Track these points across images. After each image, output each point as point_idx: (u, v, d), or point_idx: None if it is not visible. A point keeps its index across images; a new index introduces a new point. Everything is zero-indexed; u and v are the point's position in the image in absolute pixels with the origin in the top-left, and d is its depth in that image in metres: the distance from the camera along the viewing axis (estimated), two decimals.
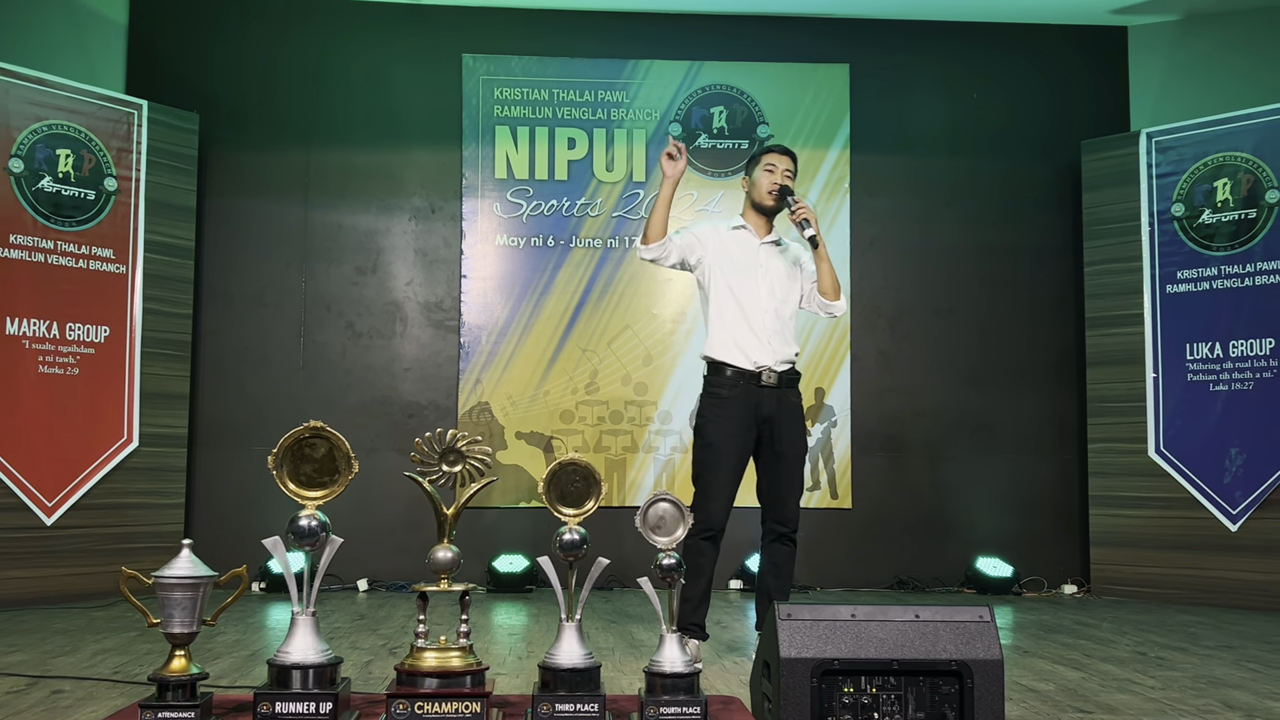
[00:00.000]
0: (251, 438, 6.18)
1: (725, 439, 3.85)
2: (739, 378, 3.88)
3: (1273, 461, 5.69)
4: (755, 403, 3.87)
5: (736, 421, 3.85)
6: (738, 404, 3.86)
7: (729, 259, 4.01)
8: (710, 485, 3.86)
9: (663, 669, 2.49)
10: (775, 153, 4.08)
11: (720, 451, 3.85)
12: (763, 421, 3.88)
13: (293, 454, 2.46)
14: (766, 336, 3.91)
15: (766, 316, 3.93)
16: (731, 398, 3.87)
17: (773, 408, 3.88)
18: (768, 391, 3.88)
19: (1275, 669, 3.91)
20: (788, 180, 4.03)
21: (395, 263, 6.50)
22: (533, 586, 6.12)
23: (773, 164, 4.05)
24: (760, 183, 4.05)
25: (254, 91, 6.48)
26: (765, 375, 3.87)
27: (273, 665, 2.37)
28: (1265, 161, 5.82)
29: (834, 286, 4.03)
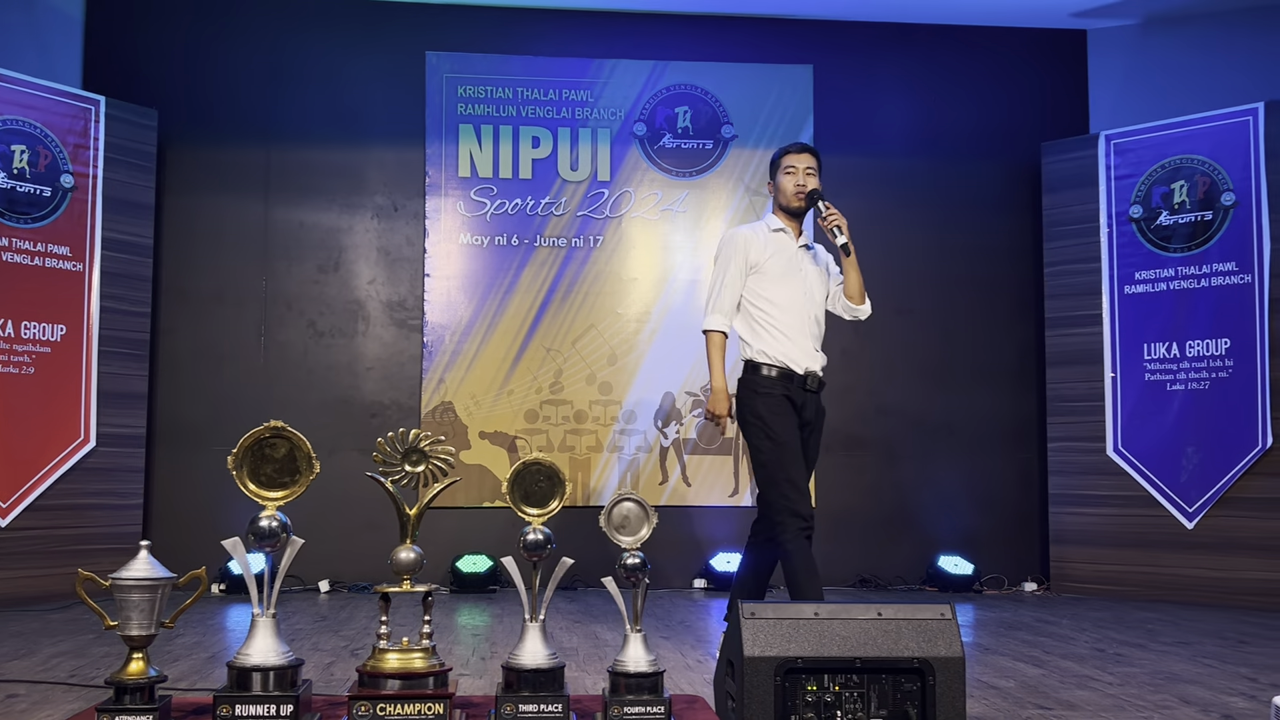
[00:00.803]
0: (211, 438, 6.12)
1: (790, 433, 3.86)
2: (787, 380, 3.90)
3: (1228, 460, 5.77)
4: (802, 405, 3.92)
5: (792, 418, 3.88)
6: (792, 404, 3.90)
7: (773, 263, 4.00)
8: (796, 479, 3.81)
9: (627, 669, 2.48)
10: (793, 153, 4.07)
11: (791, 447, 3.84)
12: (804, 423, 3.94)
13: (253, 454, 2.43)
14: (808, 341, 3.96)
15: (808, 321, 3.98)
16: (785, 395, 3.89)
17: (811, 413, 3.95)
18: (810, 396, 3.93)
19: (1231, 664, 3.97)
20: (810, 178, 4.02)
21: (357, 261, 6.45)
22: (496, 587, 6.10)
23: (793, 165, 4.04)
24: (785, 186, 4.04)
25: (214, 87, 6.42)
26: (810, 380, 3.92)
27: (233, 668, 2.35)
28: (1221, 164, 5.91)
29: (860, 291, 4.06)
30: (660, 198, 6.59)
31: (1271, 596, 5.62)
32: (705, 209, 6.62)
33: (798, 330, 3.94)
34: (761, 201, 6.63)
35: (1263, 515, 5.66)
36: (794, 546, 3.75)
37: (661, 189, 6.60)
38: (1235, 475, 5.73)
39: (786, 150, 4.10)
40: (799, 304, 3.97)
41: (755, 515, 4.03)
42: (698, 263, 6.58)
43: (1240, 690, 3.48)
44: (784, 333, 3.93)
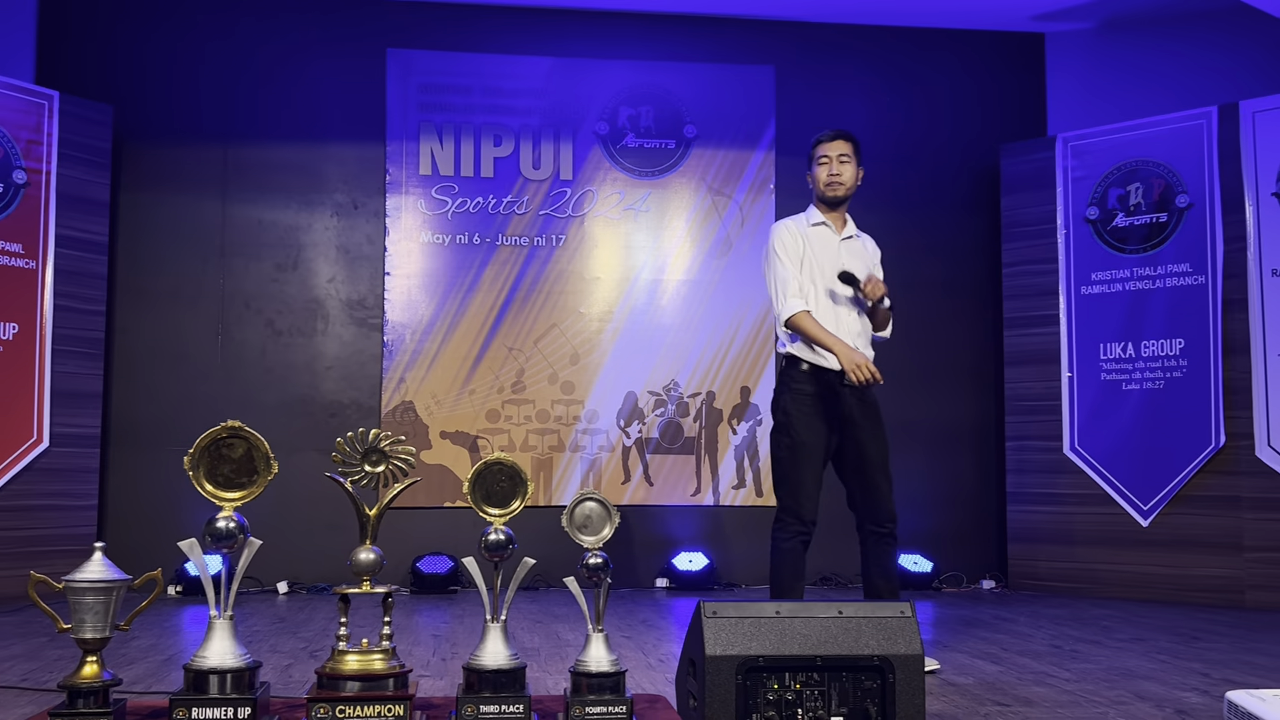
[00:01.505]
0: (167, 438, 6.04)
1: (813, 435, 3.82)
2: (824, 376, 3.84)
3: (1182, 458, 5.85)
4: (837, 401, 3.84)
5: (821, 418, 3.83)
6: (823, 402, 3.84)
7: (814, 257, 3.95)
8: (804, 482, 3.79)
9: (588, 669, 2.48)
10: (825, 141, 4.00)
11: (809, 448, 3.81)
12: (844, 421, 3.86)
13: (210, 454, 2.41)
14: (852, 339, 3.88)
15: (847, 316, 3.92)
16: (816, 394, 3.84)
17: (853, 407, 3.86)
18: (848, 391, 3.84)
19: (1184, 660, 4.03)
20: (844, 166, 3.96)
21: (317, 259, 6.40)
22: (457, 587, 6.07)
23: (825, 154, 3.99)
24: (819, 177, 4.00)
25: (171, 83, 6.34)
26: (846, 376, 3.80)
27: (189, 670, 2.32)
28: (1176, 167, 5.99)
29: (885, 323, 4.07)
30: (623, 197, 6.59)
31: (1225, 593, 5.71)
32: (668, 208, 6.63)
33: (834, 325, 3.87)
34: (724, 202, 6.65)
35: (1216, 513, 5.75)
36: (786, 547, 3.78)
37: (624, 188, 6.60)
38: (1189, 473, 5.81)
39: (820, 139, 4.02)
40: (839, 300, 3.92)
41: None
42: (660, 262, 6.59)
43: (1194, 685, 3.53)
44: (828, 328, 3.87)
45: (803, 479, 3.79)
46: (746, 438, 6.57)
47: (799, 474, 3.80)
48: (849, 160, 3.98)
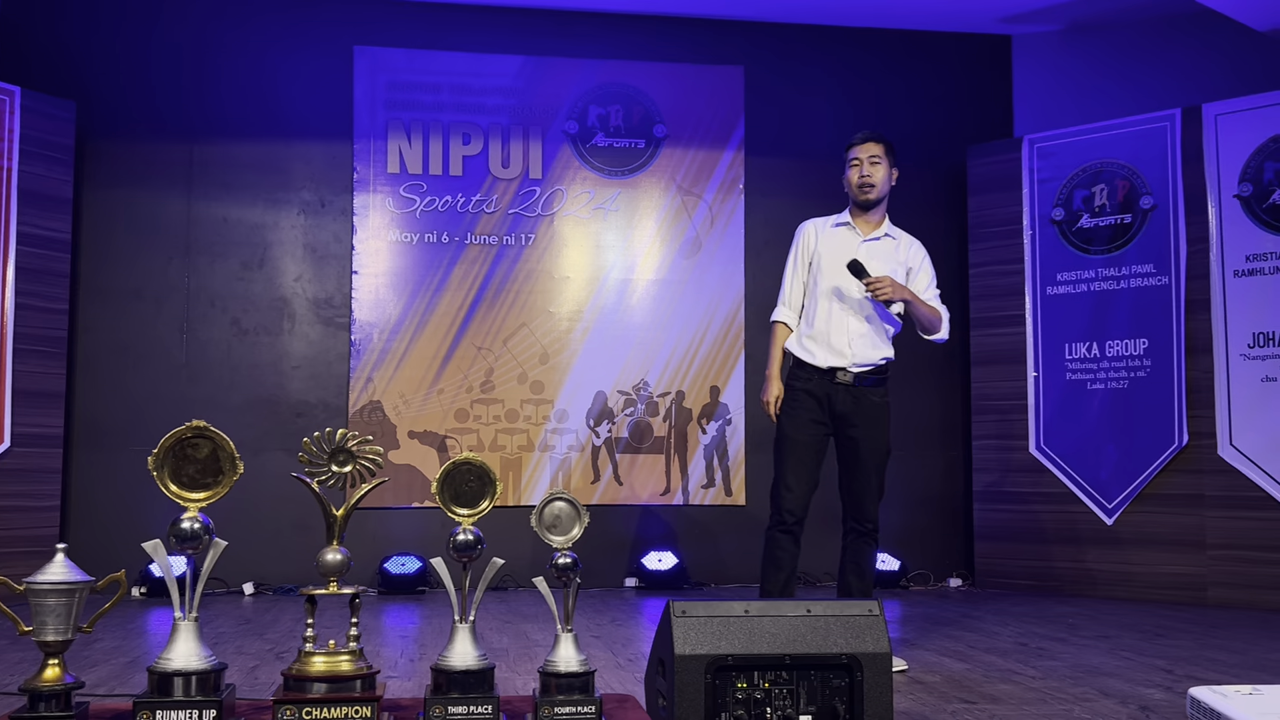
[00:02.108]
0: (131, 438, 5.98)
1: (797, 430, 3.91)
2: (813, 373, 3.93)
3: (1146, 457, 5.92)
4: (829, 396, 3.91)
5: (809, 414, 3.91)
6: (811, 397, 3.92)
7: (831, 257, 4.01)
8: (784, 475, 3.91)
9: (557, 669, 2.47)
10: (856, 144, 4.05)
11: (792, 442, 3.91)
12: (836, 417, 3.93)
13: (174, 454, 2.38)
14: (849, 338, 3.93)
15: (853, 318, 3.94)
16: (804, 390, 3.93)
17: (847, 405, 3.91)
18: (842, 388, 3.91)
19: (1148, 657, 4.07)
20: (875, 167, 4.00)
21: (283, 258, 6.35)
22: (425, 588, 6.05)
23: (856, 157, 4.04)
24: (850, 180, 4.06)
25: (135, 79, 6.27)
26: (840, 374, 3.90)
27: (153, 672, 2.29)
28: (1140, 168, 6.05)
29: (928, 323, 4.05)
30: (592, 196, 6.58)
31: (1187, 590, 5.78)
32: (638, 208, 6.63)
33: (835, 325, 3.93)
34: (694, 202, 6.65)
35: (1179, 511, 5.82)
36: (768, 537, 3.95)
37: (594, 187, 6.59)
38: (1153, 472, 5.88)
39: (851, 142, 4.08)
40: (844, 300, 3.95)
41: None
42: (630, 261, 6.59)
43: (1157, 682, 3.57)
44: (819, 327, 3.95)
45: (786, 471, 3.91)
46: (716, 437, 6.58)
47: (784, 467, 3.92)
48: (879, 162, 4.03)
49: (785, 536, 3.91)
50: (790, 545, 3.91)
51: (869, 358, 3.95)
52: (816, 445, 3.94)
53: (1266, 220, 5.66)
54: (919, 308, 4.01)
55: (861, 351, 3.94)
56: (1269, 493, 5.56)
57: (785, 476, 3.92)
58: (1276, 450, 5.56)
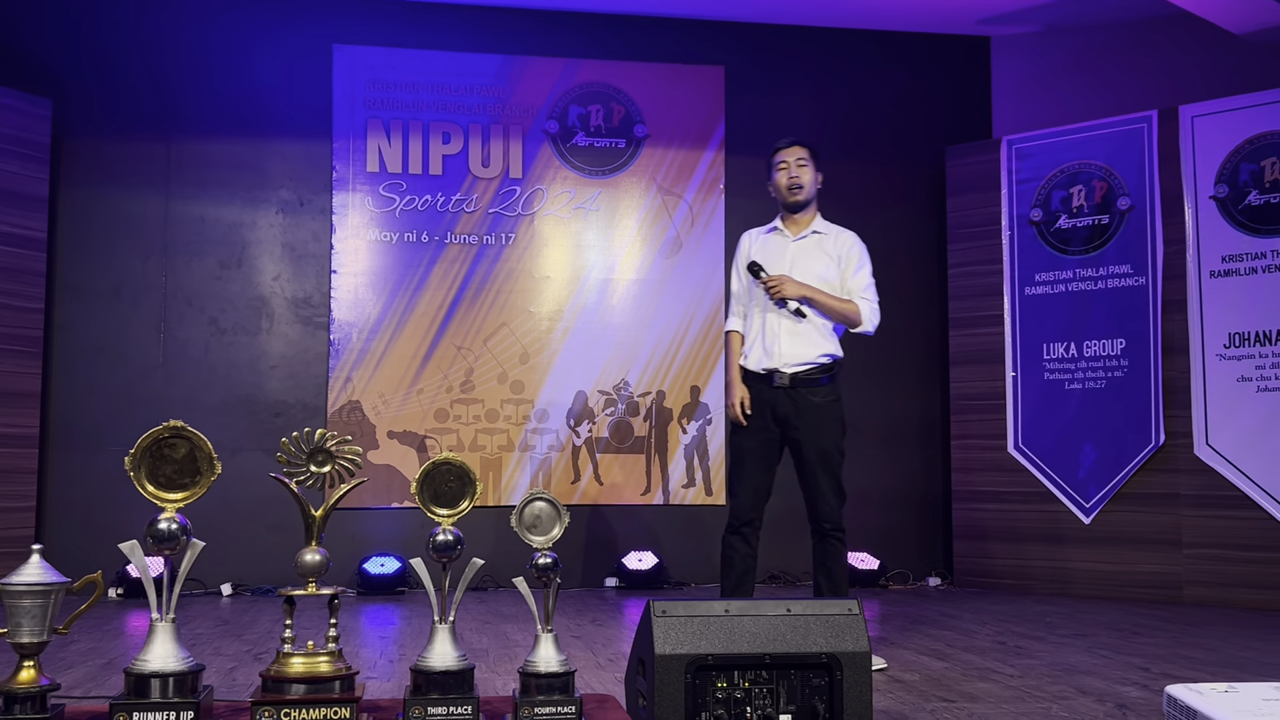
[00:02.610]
0: (108, 438, 5.94)
1: (742, 437, 4.03)
2: (755, 380, 4.02)
3: (1123, 457, 5.96)
4: (770, 402, 3.99)
5: (755, 419, 4.00)
6: (755, 403, 4.01)
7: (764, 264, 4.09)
8: (731, 482, 4.08)
9: (537, 669, 2.47)
10: (782, 148, 4.16)
11: (738, 449, 4.05)
12: (779, 421, 4.00)
13: (151, 454, 2.37)
14: (779, 340, 4.00)
15: (784, 320, 4.00)
16: (750, 398, 4.03)
17: (787, 408, 3.98)
18: (780, 392, 3.98)
19: (1125, 655, 4.10)
20: (802, 169, 4.08)
21: (261, 257, 6.32)
22: (405, 589, 6.03)
23: (784, 160, 4.13)
24: (779, 183, 4.13)
25: (112, 77, 6.23)
26: (776, 377, 3.98)
27: (130, 674, 2.28)
28: (1117, 169, 6.09)
29: (842, 320, 4.06)
30: (573, 196, 6.58)
31: (1164, 588, 5.82)
32: (618, 208, 6.63)
33: (768, 328, 4.02)
34: (674, 202, 6.66)
35: (1156, 510, 5.86)
36: (722, 540, 4.06)
37: (574, 187, 6.59)
38: (1130, 471, 5.92)
39: (777, 147, 4.18)
40: (775, 302, 4.01)
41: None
42: (610, 261, 6.58)
43: (1134, 680, 3.60)
44: (754, 332, 4.07)
45: (732, 478, 4.08)
46: (696, 437, 6.59)
47: (733, 473, 4.08)
48: (806, 164, 4.12)
49: (735, 538, 4.01)
50: (741, 546, 4.01)
51: (804, 357, 3.99)
52: (763, 451, 4.02)
53: (1242, 221, 5.71)
54: (822, 302, 4.00)
55: (793, 352, 3.99)
56: (1244, 492, 5.60)
57: (732, 483, 4.07)
58: (1252, 450, 5.60)
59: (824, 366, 4.00)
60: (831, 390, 4.03)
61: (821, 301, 4.00)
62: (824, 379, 4.01)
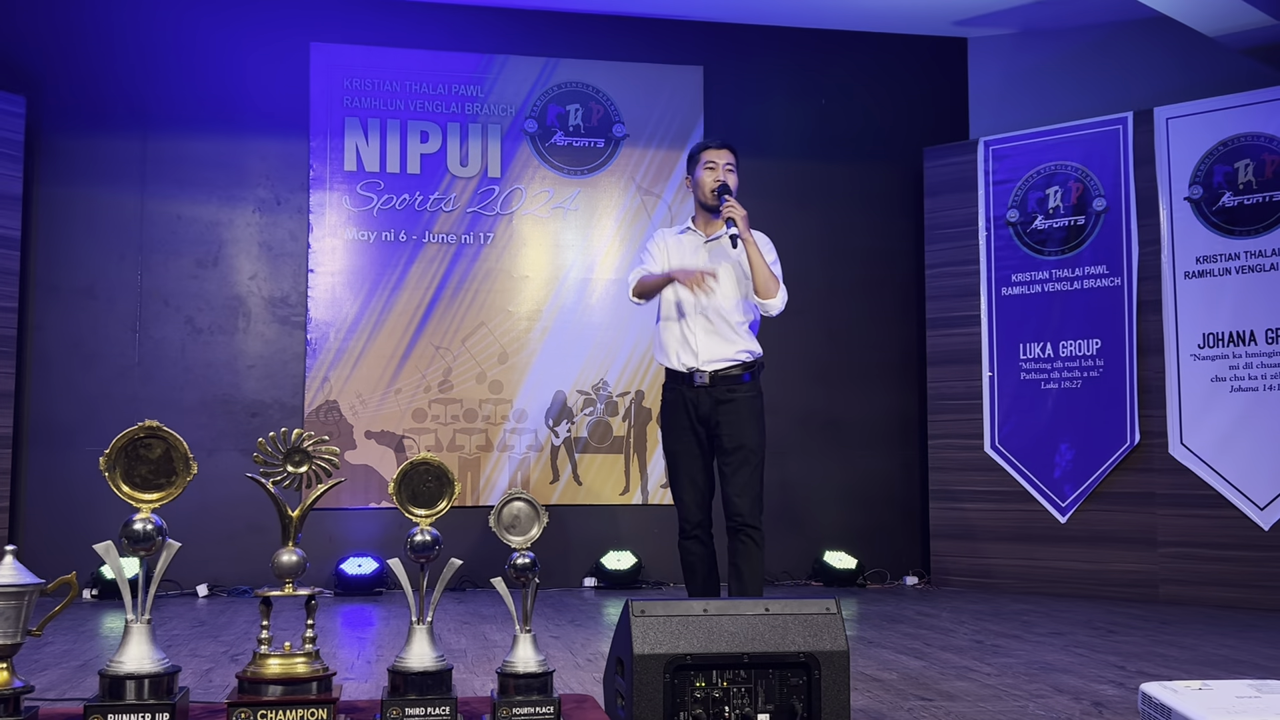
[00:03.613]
0: (83, 438, 5.89)
1: (675, 440, 4.06)
2: (677, 380, 4.04)
3: (1099, 456, 6.00)
4: (692, 401, 4.00)
5: (680, 421, 4.03)
6: (679, 405, 4.03)
7: (676, 261, 4.10)
8: (674, 488, 4.10)
9: (515, 669, 2.47)
10: (713, 148, 4.11)
11: (672, 454, 4.07)
12: (703, 420, 4.00)
13: (126, 454, 2.35)
14: (697, 338, 3.99)
15: (698, 318, 4.00)
16: (672, 400, 4.06)
17: (708, 407, 3.98)
18: (701, 391, 3.98)
19: (1101, 653, 4.13)
20: (730, 175, 4.06)
21: (238, 256, 6.29)
22: (382, 589, 6.01)
23: (713, 160, 4.07)
24: (704, 182, 4.07)
25: (87, 74, 6.18)
26: (696, 376, 3.98)
27: (105, 676, 2.26)
28: (1093, 170, 6.13)
29: (764, 282, 4.01)
30: (552, 195, 6.57)
31: (1139, 587, 5.86)
32: (597, 207, 6.62)
33: (687, 328, 4.01)
34: (653, 201, 6.66)
35: (1131, 509, 5.90)
36: (678, 546, 4.10)
37: (553, 186, 6.58)
38: (1105, 471, 5.96)
39: (706, 145, 4.12)
40: (690, 301, 4.01)
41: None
42: (589, 261, 6.58)
43: (1110, 678, 3.62)
44: (675, 333, 4.04)
45: (674, 484, 4.11)
46: None
47: (676, 478, 4.09)
48: (733, 170, 4.10)
49: (690, 542, 4.04)
50: (697, 548, 4.04)
51: (723, 355, 4.00)
52: (696, 450, 4.04)
53: (1216, 223, 5.76)
54: (754, 255, 3.99)
55: (713, 350, 4.00)
56: (1218, 491, 5.65)
57: (675, 489, 4.10)
58: (1226, 449, 5.65)
59: (744, 364, 4.02)
60: (752, 387, 4.04)
61: (754, 254, 3.99)
62: (745, 376, 4.01)
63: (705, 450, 4.06)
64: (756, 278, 4.01)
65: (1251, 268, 5.66)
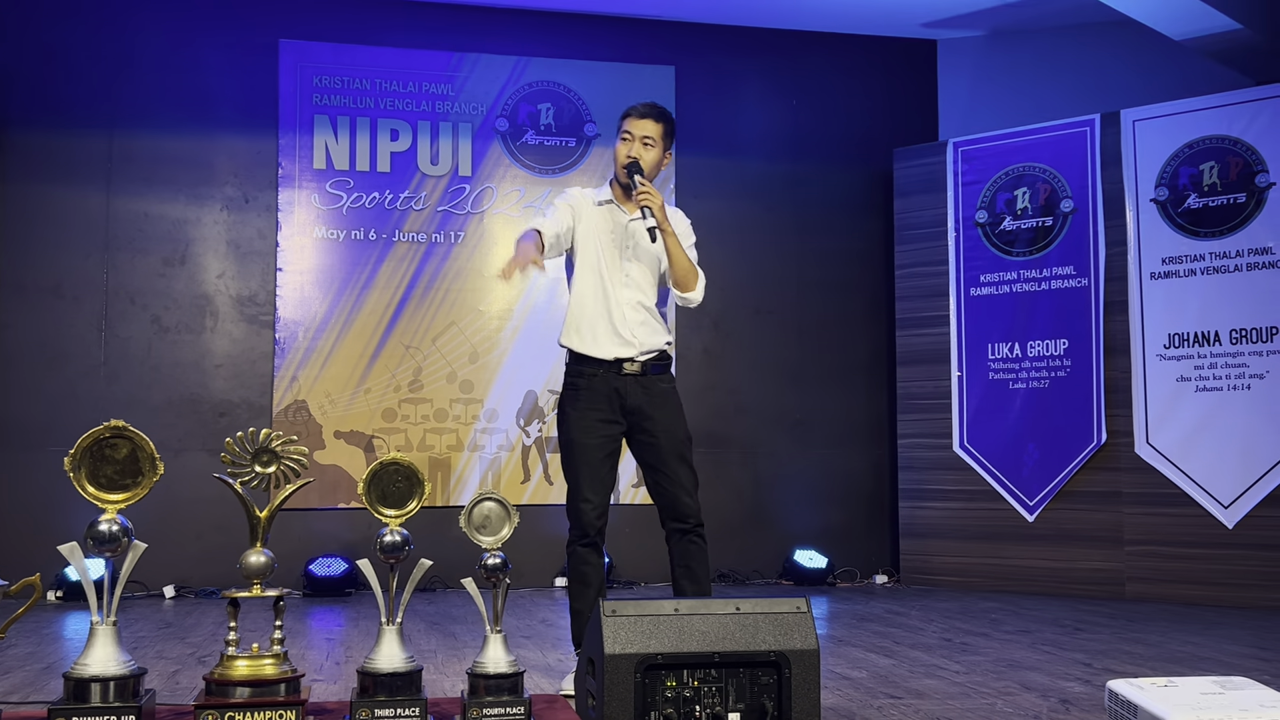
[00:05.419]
0: (49, 438, 5.82)
1: (585, 433, 3.47)
2: (598, 367, 3.49)
3: (1066, 455, 6.04)
4: (617, 391, 3.48)
5: (598, 413, 3.47)
6: (598, 395, 3.48)
7: (596, 237, 3.58)
8: (577, 485, 3.48)
9: (486, 670, 2.46)
10: (633, 116, 3.59)
11: (581, 447, 3.47)
12: (629, 413, 3.50)
13: (92, 455, 2.33)
14: (631, 326, 3.51)
15: (629, 306, 3.53)
16: (591, 388, 3.48)
17: (639, 397, 3.48)
18: (630, 380, 3.49)
19: (1068, 651, 4.16)
20: (647, 149, 3.56)
21: (206, 254, 6.23)
22: (352, 590, 5.97)
23: (628, 131, 3.57)
24: (617, 154, 3.59)
25: (52, 69, 6.10)
26: (627, 365, 3.48)
27: (69, 678, 2.24)
28: (1061, 172, 6.18)
29: (684, 274, 3.56)
30: (523, 194, 6.55)
31: (1106, 585, 5.91)
32: None
33: (615, 312, 3.52)
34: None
35: (1097, 508, 5.95)
36: (572, 553, 3.52)
37: (524, 185, 6.57)
38: (1072, 470, 6.01)
39: (628, 112, 3.62)
40: (624, 286, 3.55)
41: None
42: (560, 260, 6.55)
43: (1076, 675, 3.65)
44: (593, 316, 3.53)
45: (579, 482, 3.49)
46: None
47: (574, 476, 3.50)
48: (653, 145, 3.58)
49: (589, 550, 3.49)
50: (594, 558, 3.50)
51: (654, 344, 3.53)
52: (609, 449, 3.52)
53: (1182, 224, 5.82)
54: (673, 246, 3.53)
55: (645, 338, 3.52)
56: (1183, 490, 5.71)
57: (581, 488, 3.47)
58: (1190, 448, 5.71)
59: (666, 354, 3.61)
60: (672, 378, 3.66)
61: (672, 246, 3.53)
62: (668, 366, 3.63)
63: (617, 448, 3.55)
64: (675, 270, 3.55)
65: (1216, 269, 5.72)
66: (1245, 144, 5.69)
